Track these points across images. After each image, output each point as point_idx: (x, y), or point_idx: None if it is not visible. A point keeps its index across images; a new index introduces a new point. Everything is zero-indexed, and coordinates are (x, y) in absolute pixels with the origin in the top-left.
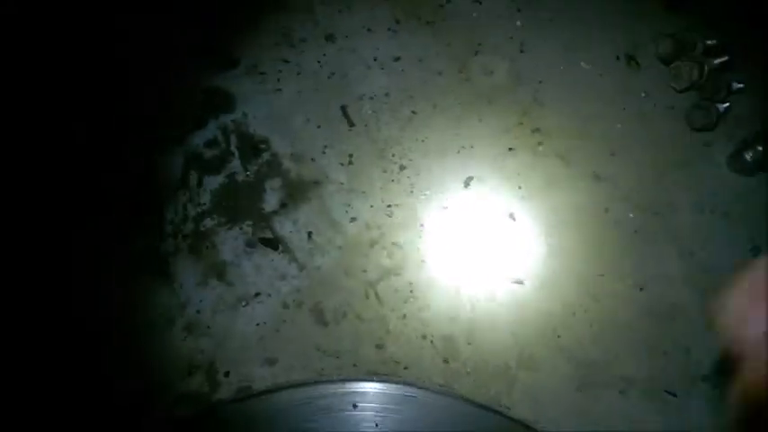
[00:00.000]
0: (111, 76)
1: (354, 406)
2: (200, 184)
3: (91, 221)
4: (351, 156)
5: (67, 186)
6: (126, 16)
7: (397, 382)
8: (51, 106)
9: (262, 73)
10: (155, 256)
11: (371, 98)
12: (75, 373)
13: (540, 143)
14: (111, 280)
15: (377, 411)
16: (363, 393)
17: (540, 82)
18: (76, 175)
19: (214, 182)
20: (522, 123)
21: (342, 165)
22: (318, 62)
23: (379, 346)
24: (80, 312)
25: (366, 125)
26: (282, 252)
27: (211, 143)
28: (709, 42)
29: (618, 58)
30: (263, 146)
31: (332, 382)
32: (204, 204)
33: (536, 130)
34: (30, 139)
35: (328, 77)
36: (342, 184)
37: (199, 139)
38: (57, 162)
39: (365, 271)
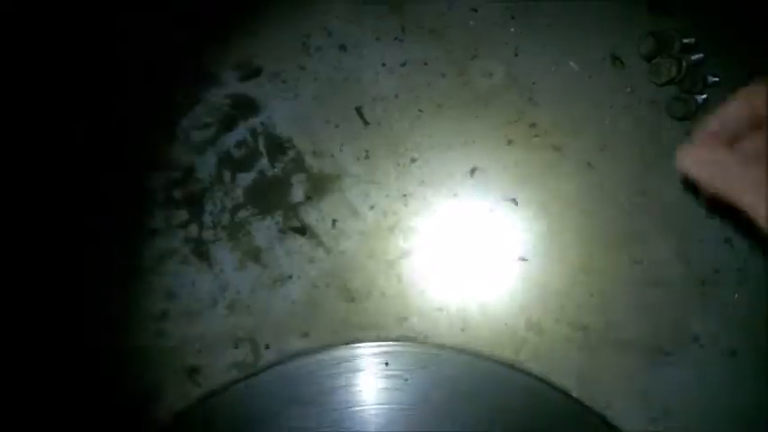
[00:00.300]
0: (111, 76)
1: (386, 364)
2: (233, 180)
3: (91, 221)
4: (366, 151)
5: (67, 186)
6: (126, 16)
7: (422, 343)
8: (51, 106)
9: (283, 81)
10: (197, 245)
11: (383, 99)
12: (83, 368)
13: (535, 136)
14: (112, 278)
15: (406, 369)
16: (393, 353)
17: (534, 83)
18: (76, 175)
19: (246, 178)
20: (518, 120)
21: (359, 159)
22: (334, 68)
23: (402, 319)
24: (83, 311)
25: (379, 123)
26: (310, 238)
27: (241, 144)
28: (685, 41)
29: (604, 58)
30: (287, 145)
31: (365, 344)
32: (239, 198)
33: (532, 125)
34: (30, 139)
35: (343, 82)
36: (359, 176)
37: (230, 140)
38: (57, 162)
39: (385, 253)
